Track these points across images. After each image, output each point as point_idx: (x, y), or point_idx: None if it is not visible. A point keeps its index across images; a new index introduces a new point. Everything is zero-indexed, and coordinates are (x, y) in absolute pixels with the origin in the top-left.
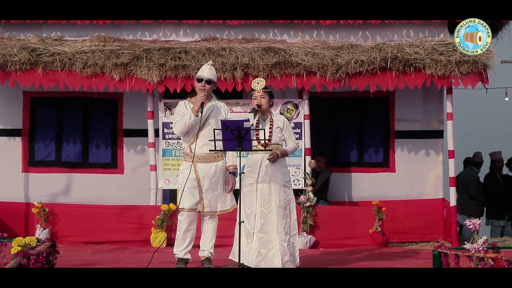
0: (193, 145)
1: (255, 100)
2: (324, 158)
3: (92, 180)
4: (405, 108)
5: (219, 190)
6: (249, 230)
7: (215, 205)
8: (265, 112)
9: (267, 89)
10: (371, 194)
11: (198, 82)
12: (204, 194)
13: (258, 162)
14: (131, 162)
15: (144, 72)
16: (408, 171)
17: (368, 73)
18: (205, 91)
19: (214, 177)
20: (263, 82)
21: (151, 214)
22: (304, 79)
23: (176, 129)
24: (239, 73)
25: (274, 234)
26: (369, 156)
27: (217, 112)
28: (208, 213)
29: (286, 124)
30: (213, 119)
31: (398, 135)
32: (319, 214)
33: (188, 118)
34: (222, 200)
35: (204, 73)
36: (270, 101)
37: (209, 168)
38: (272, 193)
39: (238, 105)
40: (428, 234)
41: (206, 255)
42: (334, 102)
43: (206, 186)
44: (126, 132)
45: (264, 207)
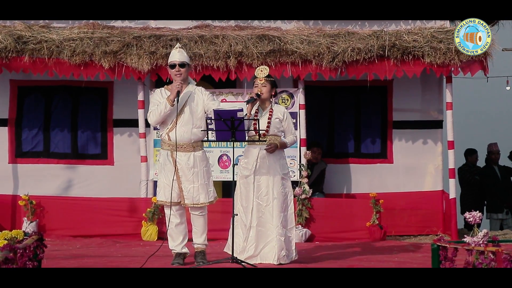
0: (172, 133)
1: (256, 88)
2: (320, 149)
3: (81, 172)
4: (403, 97)
5: (199, 181)
6: (245, 223)
7: (197, 197)
8: (265, 101)
9: (270, 78)
10: (368, 186)
11: (172, 69)
12: (183, 186)
13: (255, 154)
14: (121, 153)
15: (135, 61)
16: (407, 162)
17: (365, 61)
18: (181, 76)
19: (194, 168)
20: (267, 70)
21: (142, 207)
22: (300, 67)
23: (151, 118)
24: (233, 61)
25: (272, 228)
26: (366, 147)
27: (193, 98)
28: (190, 205)
29: (286, 116)
30: (188, 106)
31: (396, 125)
32: (314, 206)
33: (164, 108)
34: (204, 191)
35: (175, 58)
36: (271, 91)
37: (188, 158)
38: (269, 186)
39: (231, 94)
40: (427, 227)
41: (199, 248)
42: (330, 91)
43: (184, 177)
44: (116, 122)
45: (261, 199)
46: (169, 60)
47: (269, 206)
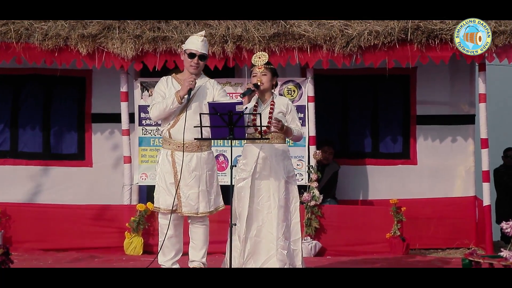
0: (174, 130)
1: (254, 78)
2: (332, 148)
3: (54, 175)
4: (428, 88)
5: (200, 187)
6: (239, 233)
7: (195, 205)
8: (265, 92)
9: (270, 66)
10: (388, 191)
11: (190, 58)
12: (181, 191)
13: (255, 153)
14: (101, 152)
15: (117, 46)
16: (433, 163)
17: (385, 46)
18: (197, 69)
19: (196, 171)
20: (266, 57)
21: (125, 216)
22: (308, 54)
23: (154, 113)
24: (231, 46)
25: (273, 240)
26: (386, 146)
27: (202, 93)
28: (188, 214)
29: (290, 108)
30: (196, 102)
31: (420, 121)
32: (326, 215)
33: (171, 104)
34: (205, 200)
35: (197, 47)
36: (272, 80)
37: (189, 160)
38: (271, 190)
39: (229, 84)
40: (457, 240)
41: (195, 266)
42: (343, 81)
43: (184, 181)
44: (95, 117)
45: (261, 206)
46: (188, 47)
47: (271, 214)
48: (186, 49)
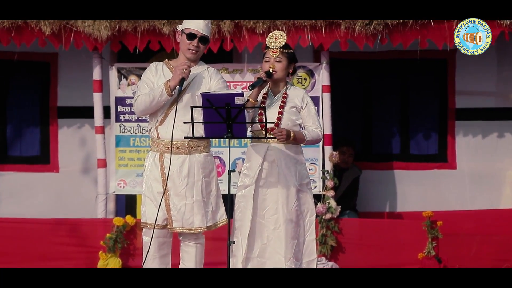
0: (162, 128)
1: (266, 64)
2: (352, 149)
3: (11, 182)
4: (470, 74)
5: (195, 197)
6: (234, 253)
7: (189, 219)
8: (279, 82)
9: (288, 50)
10: (420, 202)
11: (189, 40)
12: (171, 202)
13: (260, 155)
14: (69, 155)
15: (88, 23)
16: (475, 167)
17: (416, 23)
18: (195, 54)
19: (189, 178)
20: (283, 38)
21: (99, 232)
22: (323, 33)
23: (138, 107)
24: (228, 25)
25: (281, 261)
26: (418, 146)
27: (197, 82)
28: (180, 230)
29: (307, 102)
30: (189, 93)
31: (461, 115)
32: (344, 230)
33: (158, 95)
34: (201, 212)
35: (198, 27)
36: (289, 68)
37: (181, 164)
38: (279, 200)
39: (226, 71)
40: (505, 260)
41: None
42: (365, 67)
43: (174, 190)
44: (61, 111)
45: (267, 220)
46: (187, 26)
47: (278, 229)
48: (184, 29)
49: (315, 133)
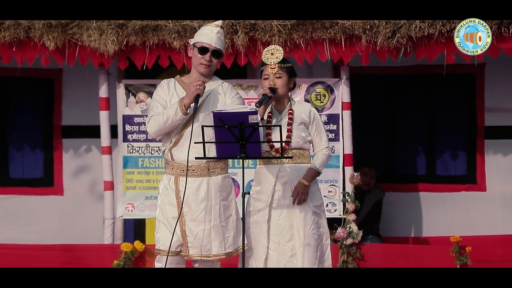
0: (177, 150)
1: (266, 81)
2: (374, 169)
3: (14, 205)
4: (500, 90)
5: (213, 222)
6: None
7: (207, 245)
8: (282, 99)
9: (286, 64)
10: (448, 226)
11: (201, 54)
12: (187, 228)
13: (272, 177)
14: (74, 176)
15: (94, 38)
16: (507, 189)
17: (442, 36)
18: (208, 69)
19: (206, 201)
20: (280, 53)
21: (106, 258)
22: (343, 47)
23: (152, 128)
24: (242, 38)
25: None
26: (444, 166)
27: (213, 99)
28: (197, 257)
29: (314, 117)
30: (205, 112)
31: (490, 134)
32: (366, 256)
33: (173, 115)
34: (219, 238)
35: (211, 40)
36: (289, 83)
37: (197, 187)
38: (295, 225)
39: (240, 87)
40: None
41: None
42: (388, 82)
43: (190, 214)
44: (66, 131)
45: (283, 247)
46: (199, 39)
47: (295, 257)
48: (196, 42)
49: (324, 157)
